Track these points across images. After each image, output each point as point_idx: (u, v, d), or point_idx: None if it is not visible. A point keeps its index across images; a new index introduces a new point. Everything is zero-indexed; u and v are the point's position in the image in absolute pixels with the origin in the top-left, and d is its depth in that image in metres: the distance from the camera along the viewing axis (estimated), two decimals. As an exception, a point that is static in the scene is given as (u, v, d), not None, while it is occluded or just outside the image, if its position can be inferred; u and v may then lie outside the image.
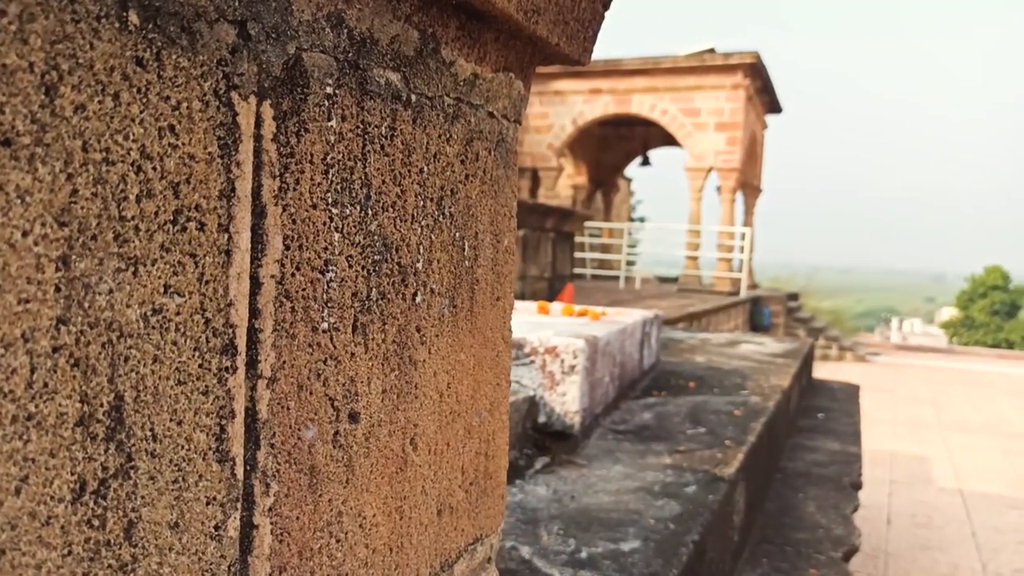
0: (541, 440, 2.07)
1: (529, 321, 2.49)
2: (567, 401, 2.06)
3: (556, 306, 2.87)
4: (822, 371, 12.61)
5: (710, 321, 11.27)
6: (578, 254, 16.19)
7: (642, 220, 34.90)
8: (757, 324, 14.29)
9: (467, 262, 0.58)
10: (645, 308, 10.94)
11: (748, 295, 14.42)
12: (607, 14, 0.64)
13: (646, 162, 18.33)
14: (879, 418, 9.04)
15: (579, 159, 19.12)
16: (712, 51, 14.95)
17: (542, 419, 2.07)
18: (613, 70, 15.11)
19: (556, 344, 2.05)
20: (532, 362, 2.08)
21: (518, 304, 3.04)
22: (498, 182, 0.62)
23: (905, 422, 8.91)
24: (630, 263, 17.32)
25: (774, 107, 17.22)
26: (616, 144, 19.21)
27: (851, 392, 4.79)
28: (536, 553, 1.44)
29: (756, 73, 14.44)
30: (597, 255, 17.19)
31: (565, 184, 19.67)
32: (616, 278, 15.99)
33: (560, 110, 15.78)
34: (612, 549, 1.47)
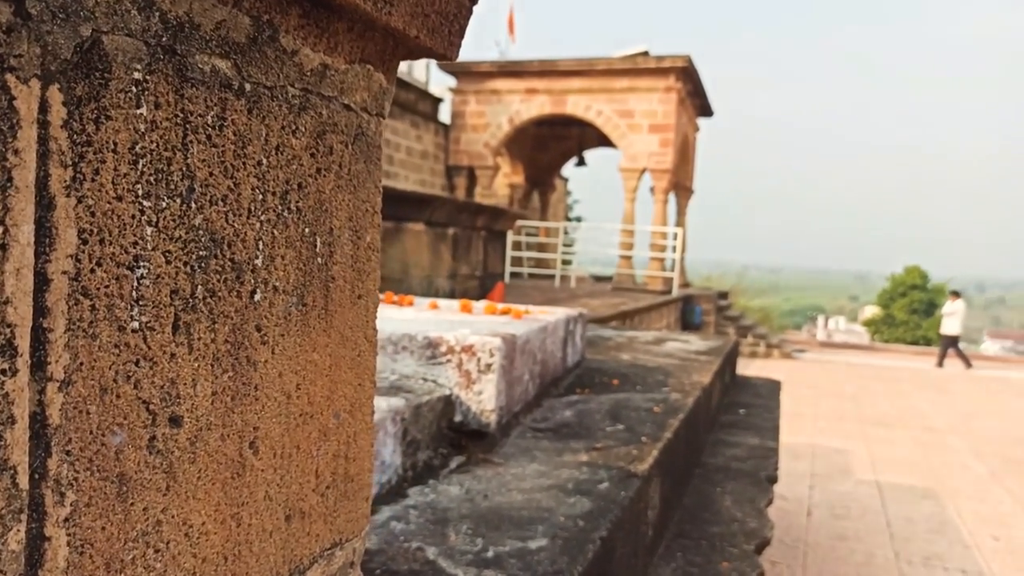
0: (457, 439, 2.05)
1: (450, 320, 2.48)
2: (483, 400, 2.05)
3: (479, 304, 2.86)
4: (751, 368, 12.97)
5: (642, 319, 11.46)
6: (515, 253, 16.26)
7: (579, 219, 35.29)
8: (688, 322, 14.60)
9: (320, 259, 0.56)
10: (579, 306, 11.06)
11: (680, 294, 14.72)
12: (475, 8, 0.63)
13: (581, 162, 18.53)
14: (803, 413, 9.34)
15: (516, 158, 19.20)
16: (645, 54, 15.21)
17: (458, 418, 2.06)
18: (549, 70, 15.22)
19: (473, 342, 2.04)
20: (449, 361, 2.07)
21: (442, 303, 3.02)
22: (358, 177, 0.60)
23: (827, 416, 9.22)
24: (566, 262, 17.49)
25: (705, 110, 17.61)
26: (552, 144, 19.36)
27: (773, 388, 4.92)
28: (442, 553, 1.42)
29: (688, 76, 14.75)
30: (534, 254, 17.29)
31: (502, 183, 19.73)
32: (553, 277, 16.12)
33: (497, 109, 15.81)
34: (520, 547, 1.47)
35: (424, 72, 16.64)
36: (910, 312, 30.11)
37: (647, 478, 1.99)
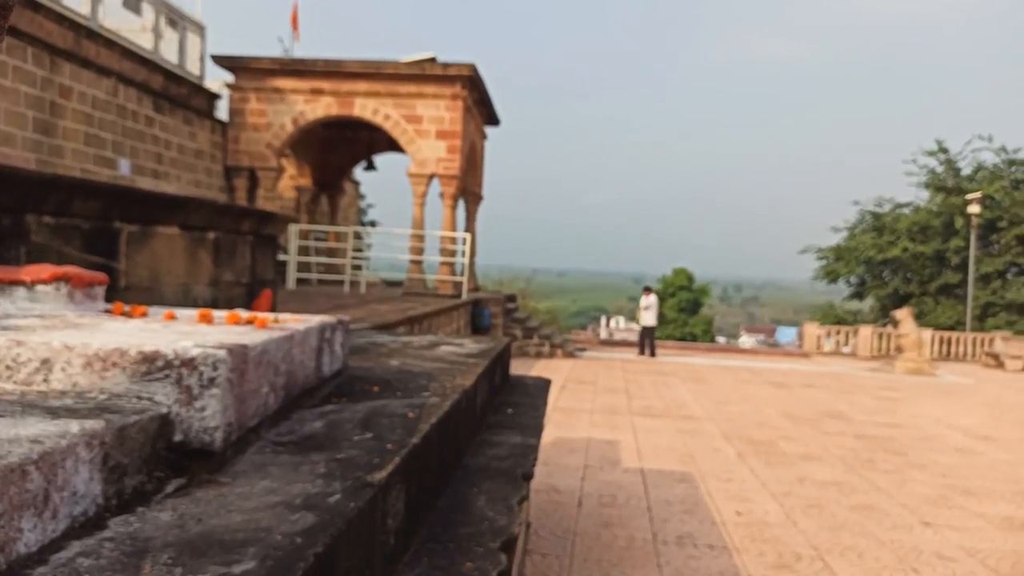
0: (178, 461, 1.90)
1: (180, 331, 2.30)
2: (207, 417, 1.92)
3: (220, 314, 2.69)
4: (536, 368, 13.51)
5: (431, 323, 11.54)
6: (303, 259, 15.72)
7: (373, 224, 35.04)
8: (478, 325, 14.93)
9: None
10: (367, 312, 10.88)
11: (470, 298, 15.01)
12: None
13: (371, 166, 18.33)
14: (580, 408, 9.87)
15: (302, 160, 18.59)
16: (433, 60, 15.37)
17: (179, 438, 1.90)
18: (335, 71, 14.90)
19: (194, 355, 1.90)
20: (167, 376, 1.91)
21: (181, 313, 2.81)
22: None
23: (601, 411, 9.81)
24: (356, 267, 17.20)
25: (492, 119, 18.14)
26: (341, 147, 18.98)
27: (542, 387, 5.11)
28: (128, 591, 1.29)
29: (474, 85, 15.10)
30: (324, 260, 16.83)
31: (288, 186, 19.02)
32: (343, 283, 15.76)
33: (280, 108, 15.19)
34: (222, 573, 1.37)
35: (198, 65, 15.58)
36: (679, 311, 33.13)
37: (385, 486, 1.96)
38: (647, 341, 17.72)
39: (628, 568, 4.49)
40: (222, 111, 15.73)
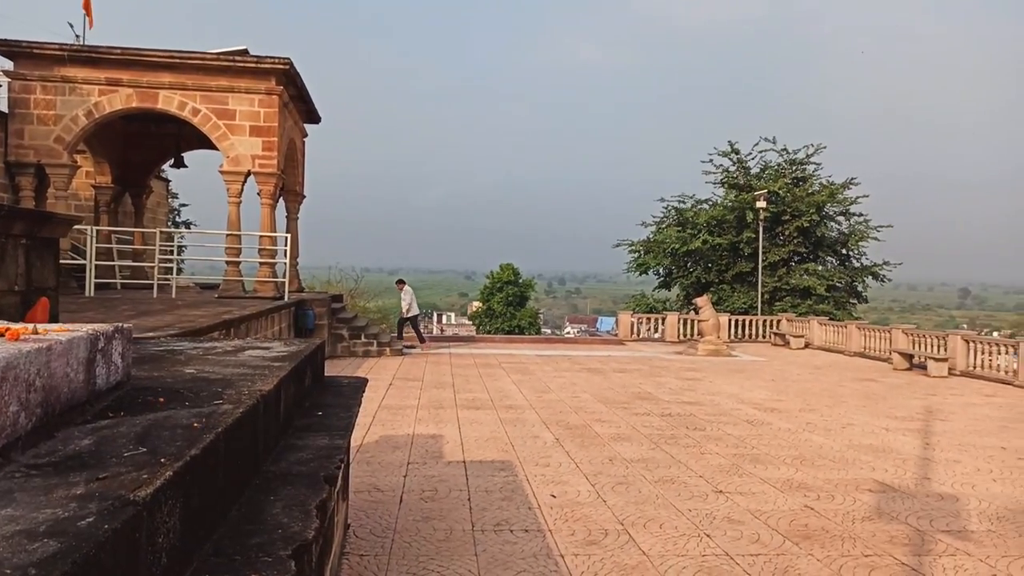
0: None
1: (-92, 350, 2.06)
2: (-68, 443, 1.73)
3: (-33, 328, 2.43)
4: (362, 368, 13.29)
5: (250, 327, 11.02)
6: (105, 263, 14.47)
7: (187, 225, 32.86)
8: (302, 327, 14.46)
9: None
10: (176, 317, 10.18)
11: (292, 299, 14.49)
12: None
13: (180, 164, 17.15)
14: (406, 405, 9.84)
15: (101, 157, 17.09)
16: (245, 52, 14.65)
17: None
18: (135, 60, 13.81)
19: (-87, 376, 1.71)
20: None
21: (-84, 329, 2.51)
22: None
23: (428, 406, 9.83)
24: (167, 271, 16.06)
25: (312, 117, 17.58)
26: (147, 142, 17.65)
27: (357, 386, 5.04)
28: None
29: (290, 80, 14.56)
30: (128, 263, 15.57)
31: (85, 184, 17.42)
32: (151, 287, 14.64)
33: (71, 100, 13.85)
34: (-67, 617, 1.25)
35: (-31, 49, 13.84)
36: (506, 304, 33.92)
37: (151, 503, 1.86)
38: (412, 329, 18.33)
39: (446, 559, 4.54)
40: (2, 102, 14.10)
